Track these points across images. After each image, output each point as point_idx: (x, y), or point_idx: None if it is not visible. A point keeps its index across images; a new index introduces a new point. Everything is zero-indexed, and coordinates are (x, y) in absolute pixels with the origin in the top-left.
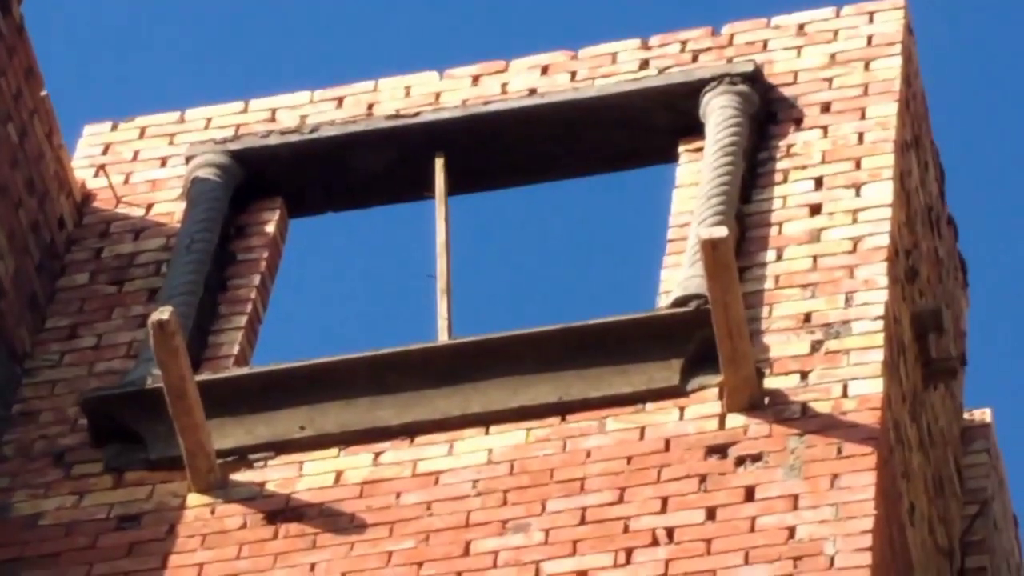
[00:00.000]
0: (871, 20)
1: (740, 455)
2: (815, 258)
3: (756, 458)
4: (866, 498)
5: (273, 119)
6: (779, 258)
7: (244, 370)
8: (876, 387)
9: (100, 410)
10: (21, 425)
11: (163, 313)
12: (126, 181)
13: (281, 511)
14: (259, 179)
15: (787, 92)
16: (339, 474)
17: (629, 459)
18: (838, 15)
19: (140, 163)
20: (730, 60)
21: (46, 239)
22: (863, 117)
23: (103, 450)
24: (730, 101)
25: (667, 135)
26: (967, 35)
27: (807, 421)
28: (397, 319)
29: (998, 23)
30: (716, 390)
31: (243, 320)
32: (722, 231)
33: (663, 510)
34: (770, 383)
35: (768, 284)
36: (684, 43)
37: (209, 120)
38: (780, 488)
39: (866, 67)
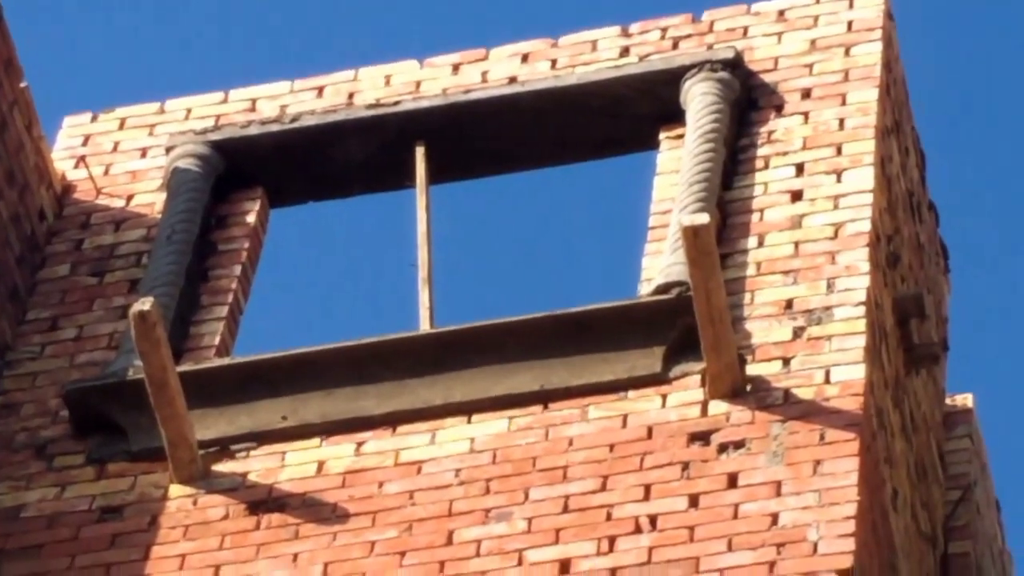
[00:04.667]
0: (851, 6)
1: (723, 442)
2: (796, 244)
3: (739, 445)
4: (849, 484)
5: (253, 109)
6: (760, 245)
7: (226, 360)
8: (858, 373)
9: (82, 402)
10: (2, 417)
11: (144, 304)
12: (106, 172)
13: (263, 502)
14: (240, 169)
15: (768, 78)
16: (321, 464)
17: (612, 447)
18: (818, 1)
19: (120, 154)
20: (710, 47)
21: (26, 231)
22: (844, 103)
23: (85, 442)
24: (711, 88)
25: (648, 122)
26: (946, 20)
27: (789, 407)
28: (379, 309)
29: (976, 6)
30: (698, 377)
31: (224, 310)
32: (703, 218)
33: (646, 498)
34: (752, 370)
35: (750, 271)
36: (664, 30)
37: (189, 111)
38: (763, 475)
39: (846, 53)
